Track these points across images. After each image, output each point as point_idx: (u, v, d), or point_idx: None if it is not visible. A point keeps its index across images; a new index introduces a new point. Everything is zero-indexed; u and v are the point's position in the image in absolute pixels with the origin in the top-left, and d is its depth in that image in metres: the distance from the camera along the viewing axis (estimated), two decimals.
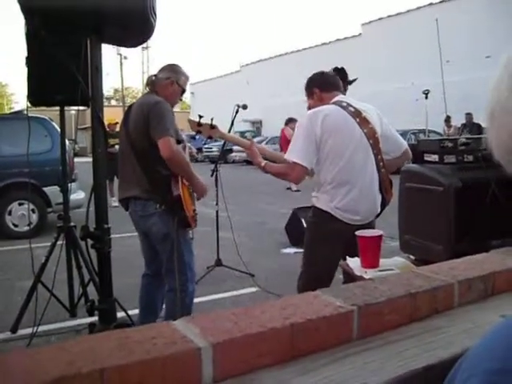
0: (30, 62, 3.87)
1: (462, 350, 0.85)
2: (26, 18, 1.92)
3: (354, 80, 4.12)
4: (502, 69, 0.62)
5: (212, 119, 3.49)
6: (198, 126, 3.44)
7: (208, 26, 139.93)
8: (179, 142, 3.32)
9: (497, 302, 1.08)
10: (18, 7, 1.94)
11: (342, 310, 0.87)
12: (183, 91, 3.60)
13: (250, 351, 0.76)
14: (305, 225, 6.88)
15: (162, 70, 3.53)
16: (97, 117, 1.95)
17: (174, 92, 3.49)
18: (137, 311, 4.19)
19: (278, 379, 0.75)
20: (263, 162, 3.19)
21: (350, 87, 3.46)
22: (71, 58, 2.33)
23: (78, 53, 2.49)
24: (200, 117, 3.47)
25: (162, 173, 3.28)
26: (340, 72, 3.69)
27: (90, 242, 2.19)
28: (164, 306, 3.68)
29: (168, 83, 3.46)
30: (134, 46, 2.29)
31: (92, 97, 2.00)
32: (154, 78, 3.50)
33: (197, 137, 3.98)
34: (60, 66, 3.29)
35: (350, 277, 2.59)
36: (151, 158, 3.26)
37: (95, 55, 2.00)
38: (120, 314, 3.25)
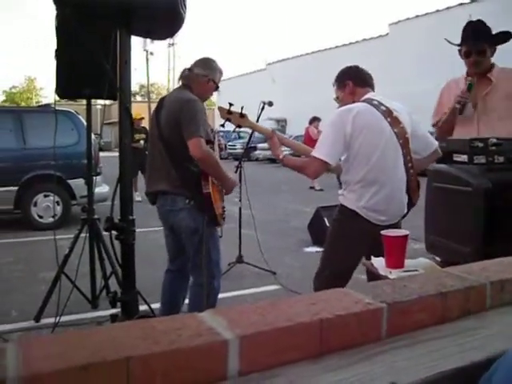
0: (59, 54, 3.90)
1: (494, 353, 0.82)
2: (57, 9, 1.92)
3: None
4: None
5: (242, 108, 3.46)
6: (227, 114, 3.41)
7: (235, 23, 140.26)
8: (209, 142, 3.32)
9: None
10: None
11: (372, 306, 0.85)
12: (217, 88, 3.59)
13: (277, 345, 0.75)
14: (328, 224, 6.87)
15: (198, 65, 3.51)
16: (125, 108, 1.95)
17: (208, 89, 3.53)
18: (159, 305, 4.22)
19: (305, 375, 0.73)
20: (282, 155, 3.16)
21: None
22: (100, 51, 2.33)
23: (107, 46, 2.50)
24: (230, 105, 3.44)
25: (191, 169, 3.29)
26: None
27: (114, 234, 2.19)
28: (187, 301, 3.69)
29: (204, 81, 3.48)
30: (164, 38, 2.29)
31: (120, 88, 2.00)
32: (188, 71, 3.49)
33: (223, 127, 3.90)
34: (88, 60, 3.34)
35: (373, 277, 2.55)
36: (181, 153, 3.28)
37: (124, 47, 2.00)
38: (142, 308, 3.27)
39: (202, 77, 3.46)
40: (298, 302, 0.85)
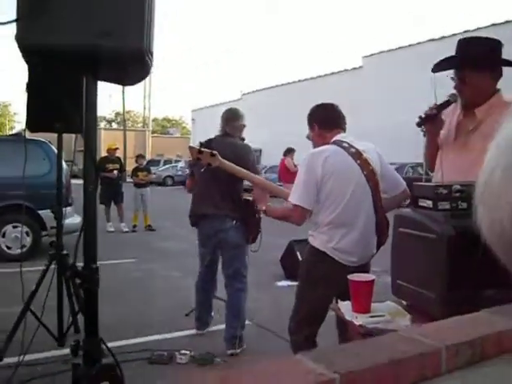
0: (30, 89, 3.89)
1: None
2: (23, 56, 1.92)
3: None
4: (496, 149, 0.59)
5: (213, 148, 3.54)
6: (198, 154, 3.49)
7: (210, 53, 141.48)
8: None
9: (485, 369, 1.05)
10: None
11: (324, 377, 0.84)
12: (244, 126, 4.73)
13: None
14: (300, 258, 6.86)
15: (228, 122, 4.59)
16: (90, 156, 1.94)
17: (242, 130, 4.68)
18: (127, 341, 4.20)
19: None
20: (264, 207, 3.23)
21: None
22: (68, 91, 2.33)
23: (76, 85, 2.49)
24: (201, 144, 3.66)
25: (246, 198, 4.29)
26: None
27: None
28: (230, 304, 4.64)
29: (238, 128, 4.61)
30: (131, 84, 2.30)
31: (86, 134, 2.00)
32: (226, 130, 4.55)
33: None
34: (59, 96, 3.34)
35: (341, 320, 2.56)
36: (237, 187, 4.35)
37: (90, 92, 2.00)
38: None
39: (237, 127, 4.59)
40: (248, 373, 0.84)
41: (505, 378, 1.06)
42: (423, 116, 2.75)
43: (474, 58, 2.68)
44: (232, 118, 4.64)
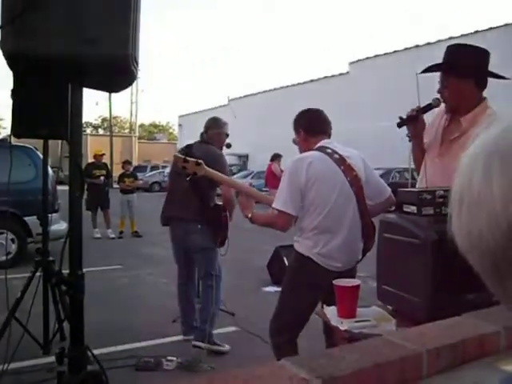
0: (16, 95, 3.87)
1: None
2: (8, 62, 1.92)
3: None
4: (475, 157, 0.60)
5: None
6: (183, 162, 3.48)
7: (198, 58, 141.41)
8: None
9: (464, 372, 1.07)
10: None
11: (306, 382, 0.86)
12: (227, 135, 4.94)
13: None
14: (287, 263, 6.87)
15: (210, 127, 4.81)
16: (75, 163, 1.94)
17: (223, 140, 4.88)
18: (112, 348, 4.16)
19: None
20: (249, 214, 3.22)
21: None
22: (54, 97, 2.33)
23: (62, 92, 2.49)
24: (182, 151, 3.65)
25: (216, 204, 4.62)
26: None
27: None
28: (203, 300, 4.79)
29: (219, 136, 4.81)
30: (116, 91, 2.31)
31: (71, 141, 2.00)
32: (205, 134, 4.79)
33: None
34: (45, 102, 3.33)
35: (327, 325, 2.57)
36: (212, 193, 4.59)
37: (75, 100, 2.00)
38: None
39: (217, 134, 4.77)
40: (233, 380, 0.85)
41: (486, 381, 1.07)
42: (404, 117, 2.80)
43: (458, 66, 2.70)
44: (211, 127, 4.82)
